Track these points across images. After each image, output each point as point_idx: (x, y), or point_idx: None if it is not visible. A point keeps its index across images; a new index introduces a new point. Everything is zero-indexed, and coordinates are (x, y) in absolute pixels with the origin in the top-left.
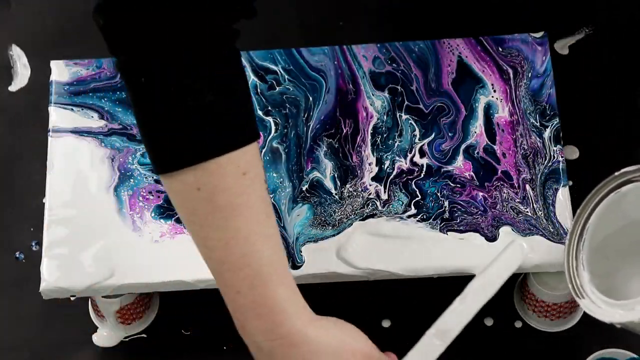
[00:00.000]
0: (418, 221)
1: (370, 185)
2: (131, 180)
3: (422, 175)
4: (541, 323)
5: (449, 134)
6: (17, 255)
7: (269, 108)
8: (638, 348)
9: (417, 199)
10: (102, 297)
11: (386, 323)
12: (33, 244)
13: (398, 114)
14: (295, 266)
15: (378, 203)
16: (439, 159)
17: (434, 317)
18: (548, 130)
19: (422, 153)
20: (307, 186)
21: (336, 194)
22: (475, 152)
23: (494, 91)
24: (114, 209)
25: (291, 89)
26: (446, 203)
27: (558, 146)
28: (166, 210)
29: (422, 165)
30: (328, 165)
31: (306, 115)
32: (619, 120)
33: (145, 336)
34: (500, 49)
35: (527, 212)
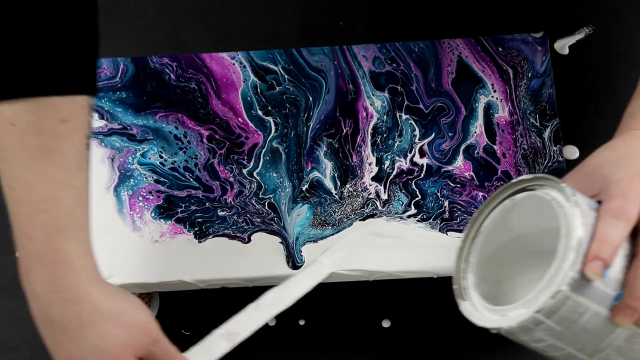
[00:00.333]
0: (418, 221)
1: (370, 185)
2: (131, 180)
3: (422, 175)
4: None
5: (449, 134)
6: (17, 255)
7: (269, 108)
8: None
9: (417, 199)
10: None
11: (386, 323)
12: None
13: (398, 114)
14: (295, 266)
15: (378, 203)
16: (439, 159)
17: (434, 317)
18: (548, 130)
19: (422, 153)
20: (307, 186)
21: (336, 194)
22: (475, 152)
23: (494, 91)
24: (114, 209)
25: (291, 89)
26: (446, 203)
27: (558, 146)
28: (166, 210)
29: (422, 165)
30: (328, 165)
31: (306, 115)
32: (619, 120)
33: None
34: (500, 49)
35: None
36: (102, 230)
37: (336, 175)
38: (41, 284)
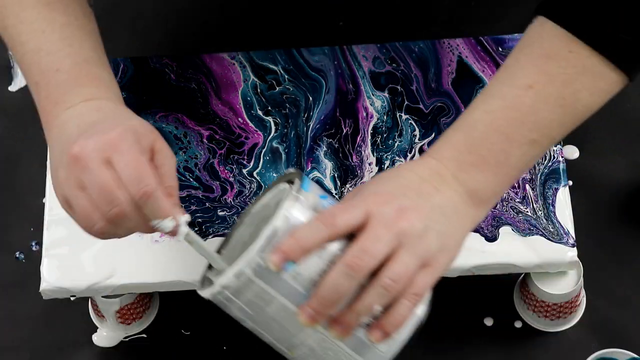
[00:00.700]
0: None
1: None
2: None
3: None
4: (541, 323)
5: None
6: (17, 255)
7: (269, 108)
8: (638, 348)
9: None
10: (102, 297)
11: None
12: (33, 244)
13: (398, 114)
14: None
15: None
16: None
17: (434, 317)
18: None
19: (422, 153)
20: None
21: (336, 194)
22: None
23: None
24: None
25: (291, 89)
26: None
27: (558, 146)
28: None
29: None
30: (328, 165)
31: (306, 115)
32: (619, 120)
33: (145, 336)
34: (500, 49)
35: (527, 212)
36: None
37: (336, 175)
38: (81, 97)
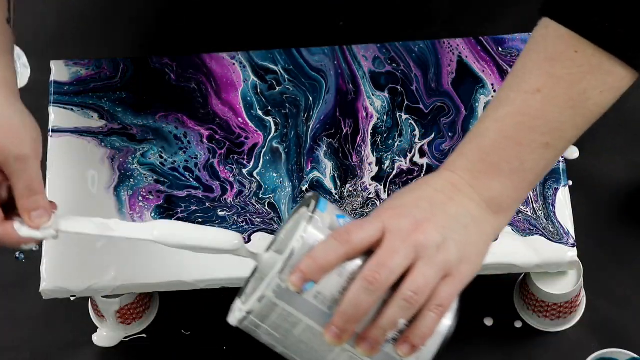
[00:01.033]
0: None
1: (370, 185)
2: (131, 180)
3: (422, 175)
4: (541, 323)
5: (449, 134)
6: (17, 255)
7: (269, 108)
8: (638, 348)
9: None
10: (102, 297)
11: None
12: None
13: (398, 114)
14: None
15: (378, 203)
16: (439, 159)
17: None
18: None
19: (422, 153)
20: (307, 186)
21: (336, 194)
22: None
23: (494, 91)
24: (114, 209)
25: (291, 89)
26: None
27: None
28: (166, 210)
29: (422, 165)
30: (328, 165)
31: (306, 115)
32: (619, 120)
33: (145, 336)
34: (500, 49)
35: (527, 212)
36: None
37: (336, 175)
38: None
